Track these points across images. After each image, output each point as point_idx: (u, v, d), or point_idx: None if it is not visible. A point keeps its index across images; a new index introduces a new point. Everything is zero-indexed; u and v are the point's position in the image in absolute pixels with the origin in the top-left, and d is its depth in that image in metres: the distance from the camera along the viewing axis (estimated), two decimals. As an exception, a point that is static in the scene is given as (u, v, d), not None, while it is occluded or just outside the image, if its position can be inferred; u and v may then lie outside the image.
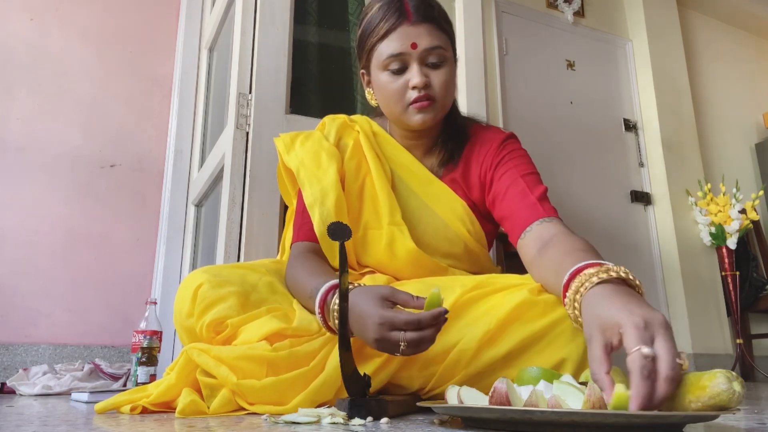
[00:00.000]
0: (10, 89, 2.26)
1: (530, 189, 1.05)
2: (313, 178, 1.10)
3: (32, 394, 1.61)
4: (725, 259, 2.92)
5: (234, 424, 0.74)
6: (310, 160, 1.13)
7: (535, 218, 0.99)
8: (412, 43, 1.05)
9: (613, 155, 3.07)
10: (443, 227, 1.13)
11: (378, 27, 1.07)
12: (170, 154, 2.43)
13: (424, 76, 1.06)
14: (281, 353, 0.88)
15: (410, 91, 1.07)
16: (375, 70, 1.10)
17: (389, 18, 1.06)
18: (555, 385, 0.62)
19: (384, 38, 1.07)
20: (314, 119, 1.75)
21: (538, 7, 2.99)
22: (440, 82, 1.08)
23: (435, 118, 1.10)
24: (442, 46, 1.08)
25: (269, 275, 1.06)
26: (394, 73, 1.07)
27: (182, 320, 0.96)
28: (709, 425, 0.73)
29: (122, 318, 2.20)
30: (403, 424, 0.72)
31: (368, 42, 1.10)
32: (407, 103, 1.08)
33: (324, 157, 1.13)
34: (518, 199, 1.04)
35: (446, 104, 1.12)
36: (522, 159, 1.13)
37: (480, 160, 1.15)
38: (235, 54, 1.75)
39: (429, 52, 1.06)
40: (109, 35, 2.46)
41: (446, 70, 1.09)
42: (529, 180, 1.07)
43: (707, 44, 3.70)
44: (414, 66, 1.06)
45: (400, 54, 1.05)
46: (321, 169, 1.11)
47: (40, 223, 2.19)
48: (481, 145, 1.16)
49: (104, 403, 0.90)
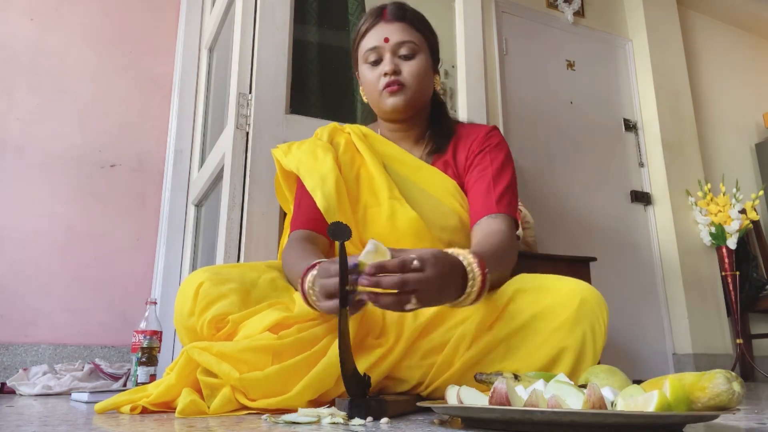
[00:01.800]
0: (9, 89, 2.26)
1: (494, 183, 1.15)
2: (312, 170, 1.18)
3: (32, 394, 1.61)
4: (725, 259, 2.92)
5: (234, 424, 0.74)
6: (307, 157, 1.22)
7: (485, 213, 1.11)
8: (385, 38, 1.19)
9: (613, 155, 3.08)
10: (437, 204, 1.19)
11: (361, 28, 1.24)
12: (170, 154, 2.43)
13: (394, 65, 1.18)
14: (287, 340, 0.89)
15: (383, 77, 1.19)
16: (360, 65, 1.25)
17: (369, 20, 1.23)
18: (554, 385, 0.62)
19: (364, 36, 1.23)
20: (314, 119, 1.75)
21: (538, 7, 2.99)
22: (410, 70, 1.19)
23: (406, 102, 1.19)
24: (413, 41, 1.20)
25: (270, 272, 1.08)
26: (372, 64, 1.21)
27: (183, 320, 0.97)
28: (709, 425, 0.73)
29: (122, 318, 2.20)
30: (403, 424, 0.72)
31: (355, 42, 1.27)
32: (381, 90, 1.19)
33: (319, 151, 1.22)
34: (482, 192, 1.14)
35: (418, 90, 1.20)
36: (500, 152, 1.21)
37: (467, 146, 1.24)
38: (235, 54, 1.75)
39: (400, 45, 1.19)
40: (109, 35, 2.46)
41: (417, 62, 1.20)
42: (496, 173, 1.16)
43: (707, 44, 3.70)
44: (387, 56, 1.19)
45: (375, 47, 1.20)
46: (318, 161, 1.20)
47: (40, 223, 2.19)
48: (468, 135, 1.26)
49: (104, 403, 0.90)
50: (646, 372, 2.71)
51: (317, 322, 0.94)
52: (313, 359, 0.89)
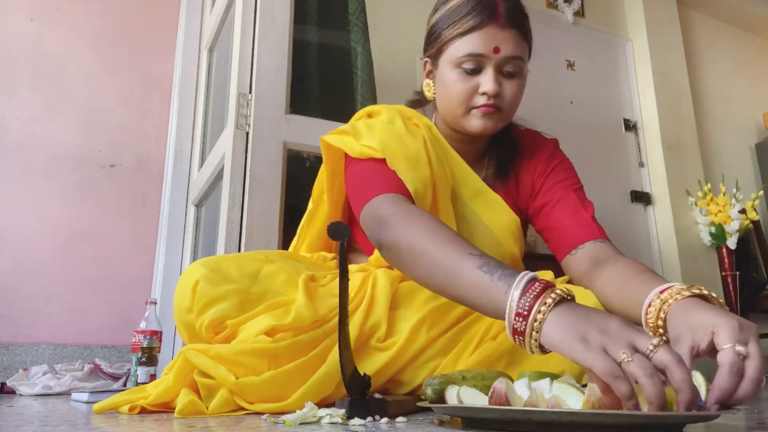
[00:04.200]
0: (10, 89, 2.26)
1: (583, 206, 1.07)
2: (405, 160, 1.00)
3: (32, 394, 1.61)
4: (725, 259, 2.92)
5: (234, 424, 0.74)
6: (394, 142, 1.02)
7: (590, 238, 1.01)
8: (495, 47, 0.99)
9: (613, 155, 3.07)
10: (495, 244, 1.08)
11: (462, 20, 1.00)
12: (170, 154, 2.43)
13: (498, 85, 1.01)
14: (282, 344, 0.87)
15: (479, 96, 1.02)
16: (444, 63, 1.04)
17: (478, 14, 1.00)
18: (554, 385, 0.62)
19: (466, 34, 1.00)
20: (314, 119, 1.75)
21: (538, 7, 2.99)
22: (511, 93, 1.03)
23: (495, 127, 1.06)
24: (522, 57, 1.03)
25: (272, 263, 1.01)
26: (467, 72, 1.01)
27: (182, 315, 0.94)
28: (709, 425, 0.73)
29: (122, 318, 2.19)
30: (403, 424, 0.72)
31: (445, 33, 1.03)
32: (472, 107, 1.03)
33: (408, 141, 1.03)
34: (570, 214, 1.05)
35: (509, 117, 1.08)
36: (571, 171, 1.15)
37: (531, 168, 1.14)
38: (235, 54, 1.75)
39: (509, 60, 1.01)
40: (109, 35, 2.46)
41: (519, 82, 1.05)
42: (580, 195, 1.10)
43: (707, 44, 3.70)
44: (489, 71, 1.00)
45: (479, 55, 1.00)
46: (411, 153, 1.02)
47: (40, 223, 2.19)
48: (532, 152, 1.16)
49: (103, 403, 0.90)
50: (646, 372, 2.71)
51: (313, 326, 0.91)
52: (310, 364, 0.87)
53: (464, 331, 0.96)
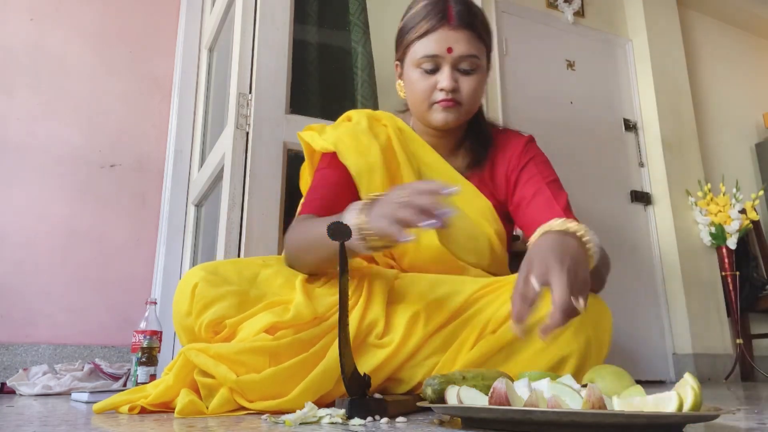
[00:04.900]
0: (10, 89, 2.26)
1: (555, 198, 1.10)
2: (354, 151, 1.11)
3: (32, 394, 1.61)
4: (725, 259, 2.92)
5: (234, 424, 0.74)
6: (348, 138, 1.13)
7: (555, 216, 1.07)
8: (448, 47, 1.08)
9: (613, 155, 3.07)
10: (470, 226, 1.14)
11: (418, 25, 1.10)
12: (170, 154, 2.43)
13: (454, 81, 1.09)
14: (283, 341, 0.88)
15: (437, 92, 1.10)
16: (408, 65, 1.13)
17: (431, 18, 1.09)
18: (552, 385, 0.62)
19: (422, 37, 1.09)
20: (314, 119, 1.75)
21: (538, 7, 2.99)
22: (468, 88, 1.11)
23: (457, 120, 1.13)
24: (476, 55, 1.10)
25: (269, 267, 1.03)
26: (426, 72, 1.10)
27: (181, 319, 0.95)
28: (709, 425, 0.73)
29: (122, 318, 2.19)
30: (403, 424, 0.72)
31: (407, 38, 1.13)
32: (432, 102, 1.11)
33: (363, 137, 1.14)
34: (543, 209, 1.08)
35: (470, 110, 1.15)
36: (545, 165, 1.18)
37: (506, 161, 1.19)
38: (235, 54, 1.75)
39: (463, 58, 1.09)
40: (109, 35, 2.46)
41: (476, 78, 1.11)
42: (553, 187, 1.12)
43: (707, 44, 3.70)
44: (446, 69, 1.09)
45: (434, 56, 1.09)
46: (362, 145, 1.12)
47: (40, 223, 2.19)
48: (506, 147, 1.21)
49: (102, 403, 0.90)
50: (645, 372, 2.71)
51: (313, 323, 0.92)
52: (310, 361, 0.87)
53: (461, 328, 0.97)
